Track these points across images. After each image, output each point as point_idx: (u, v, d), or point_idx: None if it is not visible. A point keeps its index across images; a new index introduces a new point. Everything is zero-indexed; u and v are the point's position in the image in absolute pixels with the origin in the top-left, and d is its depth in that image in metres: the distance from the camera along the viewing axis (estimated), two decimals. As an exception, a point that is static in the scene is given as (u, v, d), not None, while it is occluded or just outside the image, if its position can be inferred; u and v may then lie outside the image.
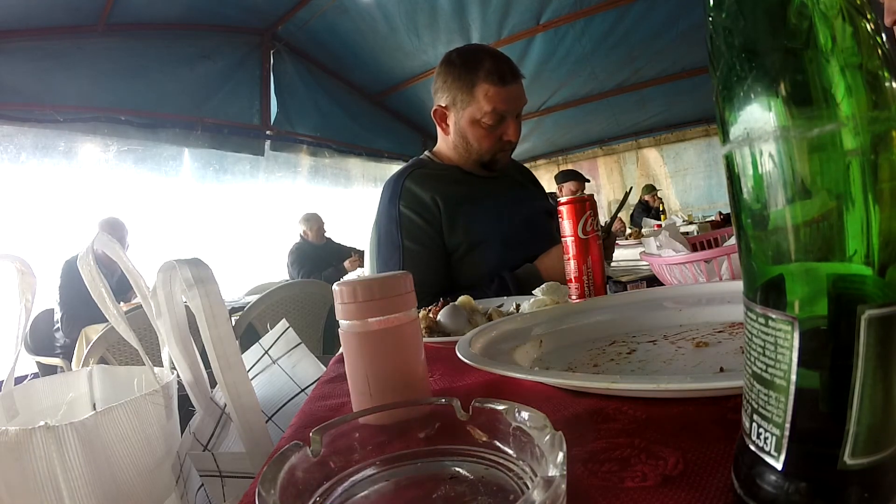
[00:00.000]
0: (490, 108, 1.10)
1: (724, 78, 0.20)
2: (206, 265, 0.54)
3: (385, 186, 1.20)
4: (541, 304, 0.68)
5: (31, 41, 2.58)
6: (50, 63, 2.62)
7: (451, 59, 1.16)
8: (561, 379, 0.39)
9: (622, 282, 1.41)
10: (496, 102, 1.10)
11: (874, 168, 0.17)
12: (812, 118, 0.18)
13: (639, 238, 3.10)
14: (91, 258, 0.55)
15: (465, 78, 1.11)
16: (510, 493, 0.25)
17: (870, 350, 0.18)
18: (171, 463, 0.54)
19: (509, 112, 1.12)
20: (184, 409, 0.61)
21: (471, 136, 1.14)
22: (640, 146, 5.92)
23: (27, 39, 2.57)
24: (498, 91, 1.10)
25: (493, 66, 1.10)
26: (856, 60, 0.17)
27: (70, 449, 0.45)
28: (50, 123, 2.64)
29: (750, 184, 0.20)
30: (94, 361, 1.71)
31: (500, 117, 1.12)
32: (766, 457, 0.20)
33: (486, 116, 1.11)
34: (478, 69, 1.10)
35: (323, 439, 0.27)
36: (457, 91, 1.12)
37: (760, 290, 0.20)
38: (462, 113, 1.13)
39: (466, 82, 1.11)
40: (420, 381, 0.39)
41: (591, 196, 0.78)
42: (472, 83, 1.10)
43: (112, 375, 0.68)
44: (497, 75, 1.09)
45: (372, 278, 0.37)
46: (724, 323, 0.52)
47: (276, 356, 0.66)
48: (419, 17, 3.46)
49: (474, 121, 1.12)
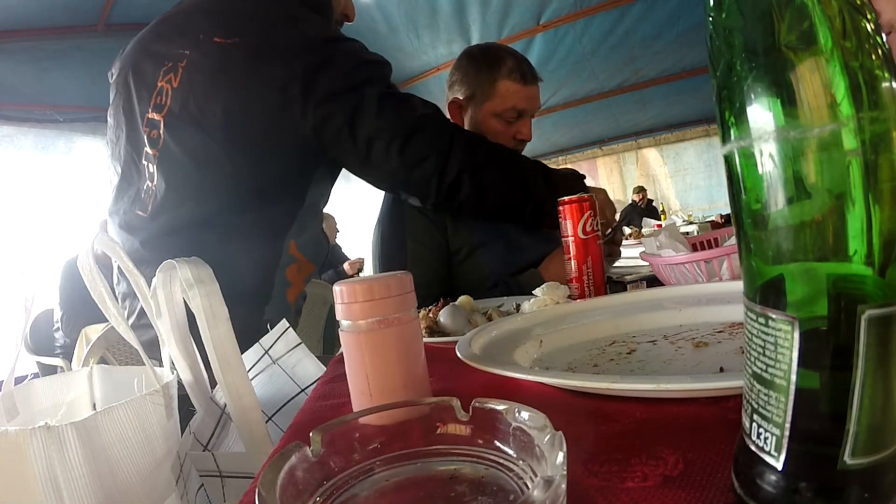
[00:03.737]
0: (510, 104, 1.12)
1: (724, 78, 0.20)
2: (206, 265, 0.55)
3: None
4: (541, 304, 0.68)
5: (31, 41, 2.58)
6: (50, 63, 2.62)
7: (472, 54, 1.17)
8: (561, 379, 0.39)
9: (622, 282, 1.41)
10: (516, 100, 1.12)
11: (874, 168, 0.17)
12: (812, 118, 0.18)
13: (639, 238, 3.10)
14: (91, 258, 0.55)
15: (487, 73, 1.13)
16: (510, 493, 0.25)
17: (870, 350, 0.18)
18: (171, 463, 0.54)
19: (526, 111, 1.14)
20: (184, 409, 0.61)
21: (486, 131, 1.15)
22: (640, 146, 5.92)
23: (27, 39, 2.57)
24: (519, 89, 1.12)
25: (515, 64, 1.13)
26: (856, 60, 0.17)
27: (70, 449, 0.45)
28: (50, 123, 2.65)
29: (750, 184, 0.20)
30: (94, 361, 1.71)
31: (517, 115, 1.14)
32: (766, 457, 0.20)
33: (505, 112, 1.13)
34: (501, 66, 1.12)
35: (323, 439, 0.27)
36: (477, 85, 1.14)
37: (760, 290, 0.20)
38: (480, 107, 1.14)
39: (488, 77, 1.13)
40: (420, 381, 0.39)
41: (591, 196, 0.78)
42: (495, 78, 1.12)
43: (112, 375, 0.68)
44: (519, 73, 1.12)
45: (372, 278, 0.37)
46: (724, 323, 0.52)
47: (276, 356, 0.66)
48: (419, 18, 3.46)
49: (492, 116, 1.14)
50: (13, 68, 2.55)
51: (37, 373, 2.54)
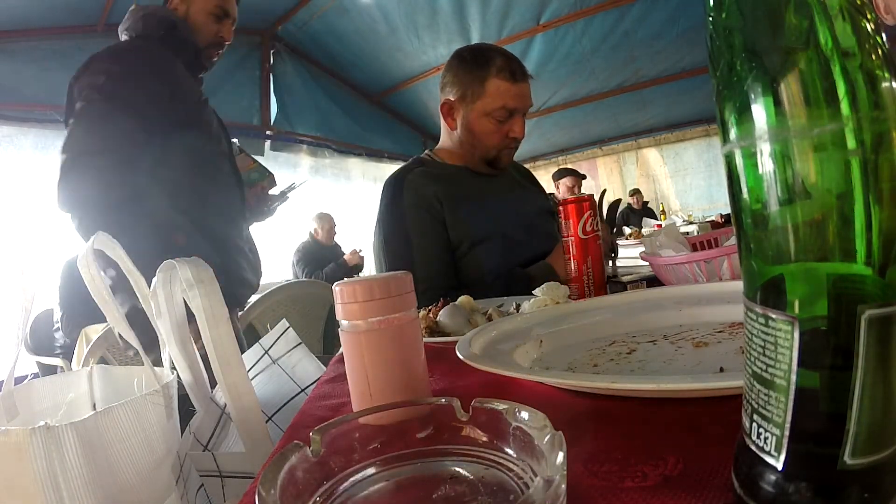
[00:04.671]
0: (501, 103, 1.12)
1: (724, 78, 0.20)
2: (206, 265, 0.54)
3: (386, 185, 1.20)
4: (541, 304, 0.68)
5: (31, 41, 2.58)
6: (50, 63, 2.62)
7: (462, 55, 1.18)
8: (561, 379, 0.39)
9: (622, 282, 1.41)
10: (507, 98, 1.12)
11: (874, 168, 0.17)
12: (812, 118, 0.18)
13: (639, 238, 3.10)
14: (91, 258, 0.55)
15: (476, 72, 1.13)
16: (510, 493, 0.25)
17: (870, 350, 0.18)
18: (171, 463, 0.54)
19: (518, 109, 1.14)
20: (184, 409, 0.60)
21: (478, 130, 1.15)
22: (640, 146, 5.92)
23: (27, 40, 2.57)
24: (509, 87, 1.11)
25: (504, 63, 1.13)
26: (856, 60, 0.17)
27: (70, 449, 0.45)
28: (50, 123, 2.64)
29: (750, 184, 0.20)
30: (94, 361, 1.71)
31: (508, 113, 1.13)
32: (766, 457, 0.20)
33: (496, 112, 1.12)
34: (490, 65, 1.12)
35: (323, 439, 0.27)
36: (467, 85, 1.14)
37: (760, 290, 0.20)
38: (471, 107, 1.14)
39: (478, 77, 1.13)
40: (420, 381, 0.39)
41: (591, 196, 0.78)
42: (484, 78, 1.12)
43: (112, 375, 0.68)
44: (508, 71, 1.12)
45: (372, 278, 0.37)
46: (724, 323, 0.52)
47: (276, 356, 0.66)
48: (419, 18, 3.46)
49: (483, 115, 1.14)
50: (13, 68, 2.55)
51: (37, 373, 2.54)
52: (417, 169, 1.19)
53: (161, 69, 1.15)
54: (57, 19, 2.60)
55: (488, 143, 1.16)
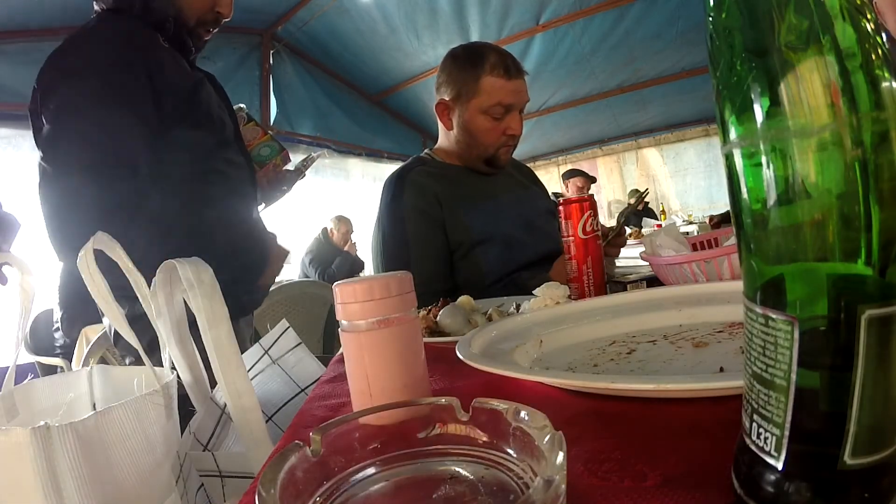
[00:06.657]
0: (496, 100, 1.11)
1: (724, 78, 0.20)
2: (206, 265, 0.54)
3: (386, 185, 1.20)
4: (541, 304, 0.68)
5: (30, 42, 2.58)
6: (50, 63, 2.62)
7: (455, 54, 1.17)
8: (561, 379, 0.39)
9: (622, 282, 1.41)
10: (501, 95, 1.11)
11: (874, 168, 0.17)
12: (812, 118, 0.18)
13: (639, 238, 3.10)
14: (91, 258, 0.55)
15: (470, 71, 1.12)
16: (510, 493, 0.25)
17: (870, 350, 0.18)
18: (171, 463, 0.54)
19: (514, 105, 1.13)
20: (184, 409, 0.60)
21: (475, 129, 1.15)
22: (640, 146, 5.92)
23: (27, 40, 2.57)
24: (503, 84, 1.11)
25: (497, 59, 1.12)
26: (856, 60, 0.17)
27: (70, 449, 0.45)
28: (50, 124, 2.64)
29: (750, 184, 0.20)
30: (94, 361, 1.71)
31: (504, 110, 1.13)
32: (766, 457, 0.20)
33: (492, 109, 1.12)
34: (483, 62, 1.12)
35: (323, 439, 0.27)
36: (462, 84, 1.13)
37: (760, 290, 0.20)
38: (466, 106, 1.14)
39: (472, 75, 1.12)
40: (420, 381, 0.39)
41: (591, 196, 0.78)
42: (478, 76, 1.12)
43: (112, 375, 0.68)
44: (502, 68, 1.11)
45: (372, 278, 0.37)
46: (724, 323, 0.52)
47: (276, 356, 0.66)
48: (419, 18, 3.46)
49: (479, 113, 1.13)
50: (12, 70, 2.55)
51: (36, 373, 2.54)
52: (418, 168, 1.19)
53: (133, 60, 0.92)
54: (56, 20, 2.60)
55: (486, 141, 1.15)
